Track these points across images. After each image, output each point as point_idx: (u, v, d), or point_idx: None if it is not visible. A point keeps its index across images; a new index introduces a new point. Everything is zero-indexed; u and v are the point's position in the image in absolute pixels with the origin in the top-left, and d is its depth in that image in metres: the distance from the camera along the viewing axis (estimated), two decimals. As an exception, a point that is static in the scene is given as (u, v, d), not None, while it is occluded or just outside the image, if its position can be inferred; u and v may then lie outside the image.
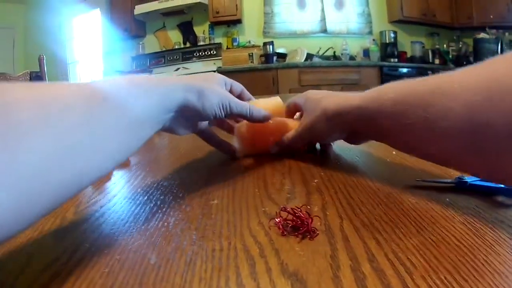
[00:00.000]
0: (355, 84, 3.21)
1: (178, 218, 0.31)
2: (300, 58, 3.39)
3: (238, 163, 0.49)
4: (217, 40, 3.69)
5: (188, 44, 3.74)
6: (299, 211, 0.28)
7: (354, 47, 3.61)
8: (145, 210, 0.34)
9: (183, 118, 0.36)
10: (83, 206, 0.36)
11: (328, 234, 0.27)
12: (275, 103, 0.51)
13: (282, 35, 3.64)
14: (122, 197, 0.38)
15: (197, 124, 0.42)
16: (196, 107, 0.35)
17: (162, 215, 0.32)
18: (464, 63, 3.31)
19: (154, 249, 0.26)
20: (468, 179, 0.34)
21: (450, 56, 3.57)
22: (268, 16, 3.63)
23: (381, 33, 3.60)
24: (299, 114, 0.52)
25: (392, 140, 0.37)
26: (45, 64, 1.66)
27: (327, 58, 3.55)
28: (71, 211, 0.34)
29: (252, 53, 3.44)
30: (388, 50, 3.50)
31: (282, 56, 3.52)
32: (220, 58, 3.53)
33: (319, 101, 0.42)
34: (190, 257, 0.24)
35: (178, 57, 3.69)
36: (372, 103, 0.35)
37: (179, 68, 3.57)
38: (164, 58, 3.73)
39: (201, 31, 3.71)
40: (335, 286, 0.20)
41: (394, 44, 3.54)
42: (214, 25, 3.66)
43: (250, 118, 0.44)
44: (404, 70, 3.39)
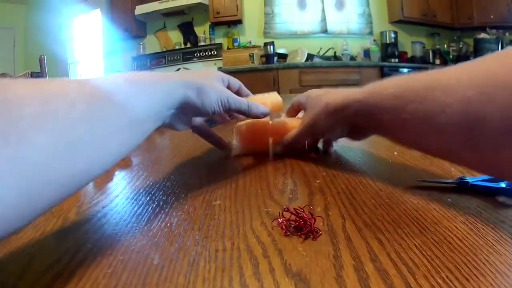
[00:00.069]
0: (356, 84, 3.16)
1: (181, 219, 0.31)
2: (300, 59, 3.39)
3: (240, 164, 0.49)
4: (217, 41, 3.70)
5: (188, 45, 3.74)
6: (301, 211, 0.28)
7: (355, 47, 3.61)
8: (147, 211, 0.34)
9: (183, 114, 0.37)
10: (85, 207, 0.36)
11: (331, 234, 0.27)
12: (273, 99, 0.50)
13: (282, 35, 3.64)
14: (124, 197, 0.38)
15: (191, 119, 0.42)
16: (195, 103, 0.36)
17: (165, 216, 0.32)
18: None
19: (157, 249, 0.26)
20: (470, 180, 0.34)
21: (451, 56, 3.57)
22: (268, 16, 3.63)
23: (381, 33, 3.60)
24: (302, 113, 0.52)
25: (392, 135, 0.37)
26: (45, 65, 1.67)
27: (328, 58, 3.55)
28: (73, 212, 0.35)
29: (252, 53, 3.45)
30: (389, 50, 3.50)
31: (283, 56, 3.52)
32: (221, 58, 3.53)
33: (319, 97, 0.43)
34: (193, 257, 0.25)
35: (178, 57, 3.69)
36: (372, 97, 0.35)
37: (179, 69, 3.57)
38: (165, 58, 3.73)
39: (201, 31, 3.72)
40: (339, 286, 0.20)
41: (395, 44, 3.54)
42: (214, 25, 3.67)
43: (248, 114, 0.43)
44: (405, 70, 3.39)
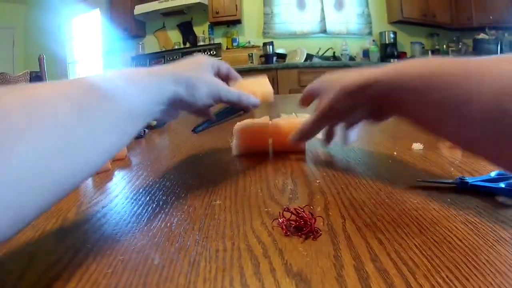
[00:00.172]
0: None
1: (181, 219, 0.31)
2: (300, 59, 3.39)
3: (240, 164, 0.49)
4: (216, 41, 3.69)
5: (188, 44, 3.74)
6: (302, 211, 0.28)
7: (354, 47, 3.61)
8: (147, 211, 0.34)
9: (173, 109, 0.37)
10: (84, 207, 0.36)
11: (331, 234, 0.27)
12: (262, 89, 0.50)
13: (282, 35, 3.64)
14: (124, 197, 0.38)
15: (179, 112, 0.42)
16: (186, 99, 0.36)
17: (165, 216, 0.32)
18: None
19: (157, 249, 0.26)
20: (469, 180, 0.34)
21: (450, 56, 3.57)
22: (268, 16, 3.63)
23: (381, 33, 3.60)
24: (302, 115, 0.52)
25: (414, 118, 0.35)
26: (45, 64, 1.66)
27: (327, 58, 3.55)
28: (73, 212, 0.34)
29: (252, 53, 3.44)
30: (388, 50, 3.50)
31: (282, 56, 3.52)
32: (220, 58, 3.53)
33: (336, 80, 0.41)
34: (193, 257, 0.25)
35: (178, 57, 3.68)
36: (395, 77, 0.33)
37: (178, 69, 3.57)
38: (164, 58, 3.72)
39: (200, 31, 3.71)
40: (339, 285, 0.20)
41: (394, 44, 3.54)
42: (214, 25, 3.66)
43: (239, 105, 0.44)
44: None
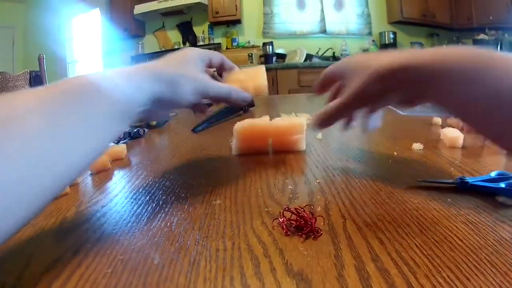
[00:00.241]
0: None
1: (181, 218, 0.31)
2: (299, 59, 3.39)
3: (240, 163, 0.49)
4: (216, 40, 3.69)
5: (187, 44, 3.73)
6: (302, 211, 0.28)
7: (354, 47, 3.61)
8: (147, 210, 0.34)
9: (157, 108, 0.35)
10: (84, 206, 0.36)
11: (332, 234, 0.27)
12: (256, 82, 0.46)
13: (281, 35, 3.64)
14: (124, 197, 0.38)
15: (169, 110, 0.41)
16: (168, 97, 0.34)
17: (165, 215, 0.32)
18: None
19: (157, 249, 0.26)
20: (470, 180, 0.34)
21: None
22: (267, 16, 3.63)
23: (380, 34, 3.60)
24: (303, 115, 0.52)
25: (455, 108, 0.32)
26: (44, 64, 1.66)
27: (327, 58, 3.55)
28: (72, 211, 0.34)
29: (251, 53, 3.44)
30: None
31: (282, 56, 3.52)
32: (220, 58, 3.53)
33: (366, 62, 0.38)
34: (194, 257, 0.24)
35: (177, 57, 3.69)
36: (434, 63, 0.31)
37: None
38: (164, 58, 3.72)
39: (200, 31, 3.71)
40: (340, 285, 0.20)
41: (394, 45, 3.53)
42: (213, 25, 3.66)
43: (229, 101, 0.42)
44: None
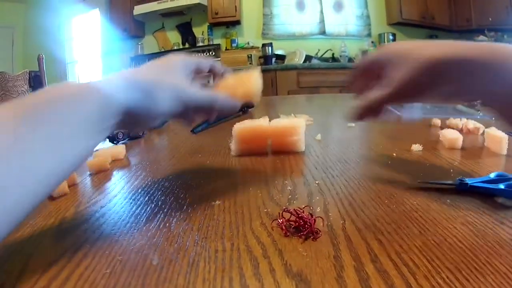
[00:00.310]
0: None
1: (180, 219, 0.31)
2: (298, 60, 3.40)
3: (239, 164, 0.49)
4: (216, 41, 3.69)
5: (187, 45, 3.74)
6: (301, 212, 0.28)
7: (353, 49, 3.62)
8: (146, 211, 0.34)
9: (134, 119, 0.31)
10: (83, 207, 0.36)
11: (331, 235, 0.27)
12: (245, 88, 0.42)
13: (281, 36, 3.64)
14: (123, 197, 0.38)
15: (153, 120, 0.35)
16: (142, 108, 0.30)
17: (164, 216, 0.32)
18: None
19: (156, 249, 0.26)
20: (469, 181, 0.34)
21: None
22: (267, 17, 3.64)
23: (379, 35, 3.61)
24: (300, 115, 0.52)
25: (504, 103, 0.30)
26: (44, 64, 1.66)
27: (326, 60, 3.56)
28: (71, 211, 0.34)
29: (251, 54, 3.44)
30: (387, 52, 3.51)
31: (281, 57, 3.52)
32: (219, 59, 3.52)
33: (412, 50, 0.35)
34: (193, 258, 0.24)
35: (177, 57, 3.69)
36: (492, 60, 0.30)
37: (178, 69, 3.57)
38: (163, 59, 3.73)
39: (200, 32, 3.71)
40: (339, 286, 0.20)
41: (393, 46, 3.55)
42: (213, 26, 3.66)
43: (214, 110, 0.37)
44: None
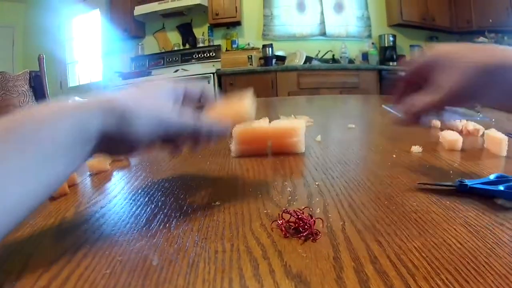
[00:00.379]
0: (355, 87, 3.22)
1: (180, 220, 0.31)
2: (299, 61, 3.40)
3: (239, 165, 0.49)
4: (216, 42, 3.70)
5: (187, 46, 3.74)
6: (301, 213, 0.28)
7: (353, 50, 3.62)
8: (146, 211, 0.34)
9: (111, 146, 0.30)
10: (83, 207, 0.36)
11: (331, 236, 0.27)
12: (240, 108, 0.39)
13: (281, 37, 3.64)
14: (123, 198, 0.38)
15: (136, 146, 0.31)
16: (118, 133, 0.28)
17: (164, 217, 0.32)
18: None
19: (156, 250, 0.26)
20: (469, 183, 0.34)
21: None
22: (267, 18, 3.64)
23: (380, 36, 3.61)
24: (301, 117, 0.51)
25: None
26: (44, 64, 1.66)
27: (326, 61, 3.56)
28: (71, 212, 0.34)
29: (251, 55, 3.44)
30: (387, 53, 3.51)
31: (281, 58, 3.52)
32: (219, 60, 3.53)
33: (464, 55, 0.34)
34: (192, 258, 0.24)
35: (177, 58, 3.69)
36: None
37: (178, 70, 3.57)
38: (163, 59, 3.72)
39: (200, 32, 3.71)
40: (339, 287, 0.20)
41: (393, 47, 3.54)
42: (213, 27, 3.67)
43: (202, 135, 0.34)
44: (403, 73, 3.40)
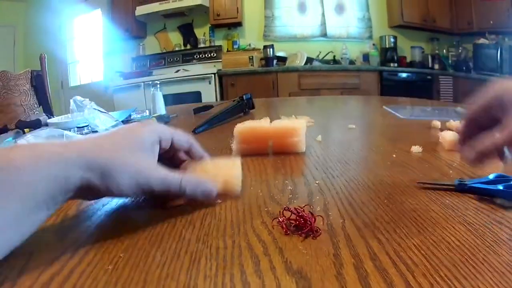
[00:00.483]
0: (355, 88, 3.22)
1: (182, 217, 0.31)
2: (300, 62, 3.40)
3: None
4: (217, 43, 3.70)
5: (188, 46, 3.74)
6: (302, 210, 0.29)
7: (354, 51, 3.62)
8: (148, 208, 0.34)
9: (92, 195, 0.29)
10: (85, 204, 0.36)
11: (331, 233, 0.27)
12: (229, 169, 0.38)
13: (282, 38, 3.65)
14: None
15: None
16: (98, 186, 0.28)
17: (166, 214, 0.32)
18: (464, 68, 3.32)
19: (158, 246, 0.26)
20: (468, 182, 0.35)
21: (450, 61, 3.58)
22: (268, 19, 3.64)
23: (381, 38, 3.61)
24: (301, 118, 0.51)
25: None
26: (46, 63, 1.66)
27: (327, 62, 3.56)
28: (73, 209, 0.35)
29: (252, 56, 3.45)
30: (388, 55, 3.51)
31: (282, 59, 3.52)
32: (220, 60, 3.53)
33: None
34: (194, 254, 0.25)
35: (178, 59, 3.69)
36: None
37: (179, 70, 3.57)
38: (164, 59, 3.73)
39: (201, 33, 3.72)
40: (339, 283, 0.21)
41: (394, 49, 3.54)
42: (214, 27, 3.67)
43: (184, 196, 0.33)
44: (404, 75, 3.39)
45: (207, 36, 3.70)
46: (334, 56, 3.61)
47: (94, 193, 0.28)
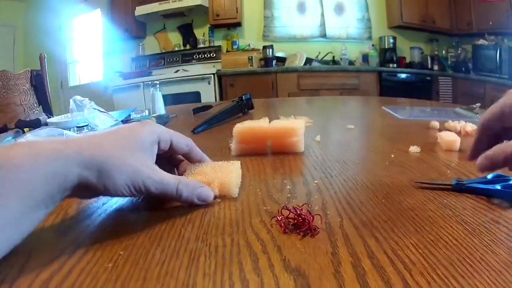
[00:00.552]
0: (355, 89, 3.23)
1: (181, 215, 0.32)
2: (299, 62, 3.41)
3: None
4: (217, 43, 3.70)
5: (188, 46, 3.74)
6: (300, 209, 0.29)
7: (353, 52, 3.63)
8: (148, 207, 0.34)
9: (90, 193, 0.29)
10: (85, 202, 0.36)
11: (329, 232, 0.27)
12: (227, 173, 0.37)
13: (281, 39, 3.65)
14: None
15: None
16: (95, 187, 0.28)
17: (165, 212, 0.32)
18: (463, 69, 3.33)
19: (158, 244, 0.26)
20: (466, 182, 0.35)
21: (449, 62, 3.58)
22: (268, 19, 3.65)
23: (380, 38, 3.62)
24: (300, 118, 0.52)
25: None
26: (46, 63, 1.66)
27: (326, 62, 3.56)
28: (73, 207, 0.35)
29: (251, 56, 3.45)
30: (387, 55, 3.52)
31: (282, 60, 3.53)
32: (220, 60, 3.54)
33: None
34: (193, 252, 0.25)
35: (177, 59, 3.69)
36: None
37: (178, 70, 3.57)
38: (164, 59, 3.73)
39: (201, 33, 3.72)
40: (337, 281, 0.21)
41: (393, 49, 3.55)
42: (214, 27, 3.67)
43: (180, 200, 0.33)
44: (403, 75, 3.40)
45: (206, 36, 3.71)
46: (333, 57, 3.61)
47: (91, 191, 0.28)
